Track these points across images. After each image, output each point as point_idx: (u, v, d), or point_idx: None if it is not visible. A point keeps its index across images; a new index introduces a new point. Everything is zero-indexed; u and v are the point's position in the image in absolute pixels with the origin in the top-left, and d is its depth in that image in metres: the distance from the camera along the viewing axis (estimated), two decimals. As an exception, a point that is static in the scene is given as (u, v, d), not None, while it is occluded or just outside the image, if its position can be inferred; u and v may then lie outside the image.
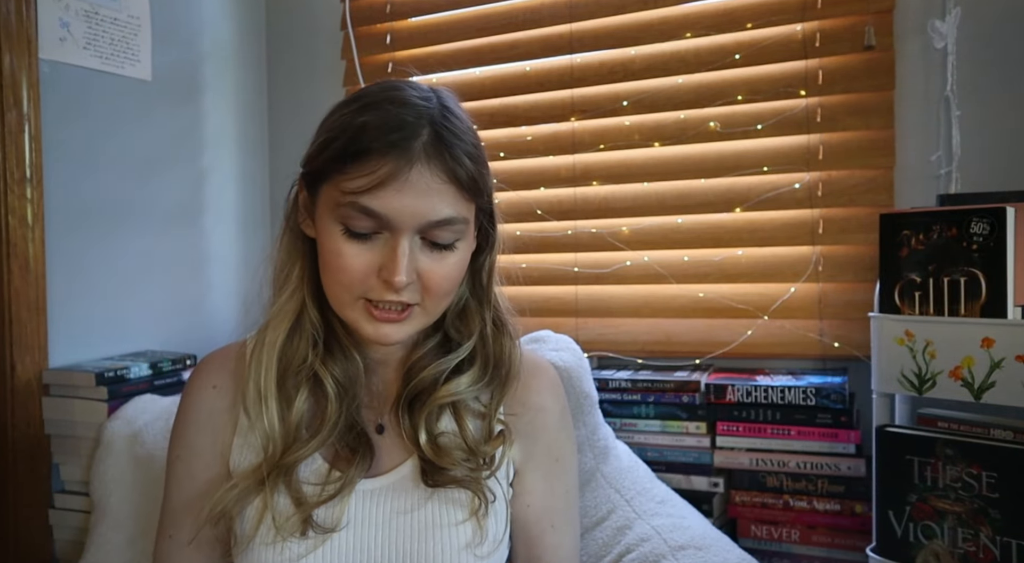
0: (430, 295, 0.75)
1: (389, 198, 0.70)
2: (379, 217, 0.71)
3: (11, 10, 1.31)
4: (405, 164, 0.70)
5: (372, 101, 0.74)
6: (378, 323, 0.74)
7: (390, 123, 0.72)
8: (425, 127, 0.72)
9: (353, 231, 0.72)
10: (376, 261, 0.72)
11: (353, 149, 0.71)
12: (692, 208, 1.54)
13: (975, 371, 1.06)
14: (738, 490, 1.37)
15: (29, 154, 1.34)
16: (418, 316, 0.76)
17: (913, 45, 1.37)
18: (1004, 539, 1.02)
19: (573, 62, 1.64)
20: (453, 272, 0.76)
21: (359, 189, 0.70)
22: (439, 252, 0.75)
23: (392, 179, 0.70)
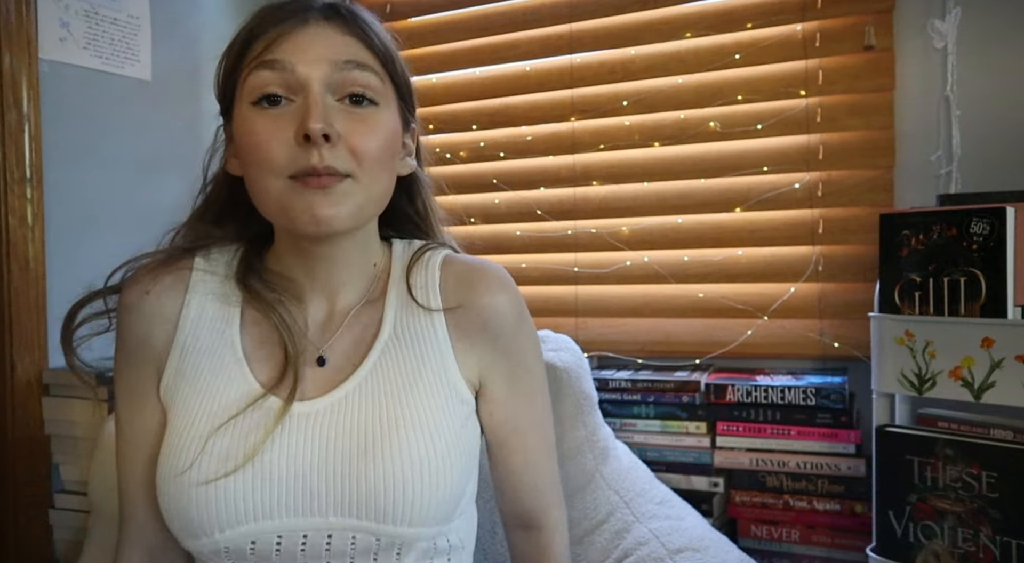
0: (360, 160, 0.70)
1: (287, 46, 0.69)
2: (281, 65, 0.69)
3: (11, 10, 1.31)
4: (300, 23, 0.70)
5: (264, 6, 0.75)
6: (308, 192, 0.68)
7: (283, 3, 0.73)
8: (320, 2, 0.73)
9: (262, 101, 0.70)
10: (291, 127, 0.68)
11: (249, 30, 0.72)
12: (692, 208, 1.54)
13: (975, 371, 1.06)
14: (738, 490, 1.37)
15: (29, 154, 1.34)
16: (351, 190, 0.70)
17: (913, 45, 1.37)
18: (1004, 539, 1.02)
19: (573, 62, 1.64)
20: (379, 136, 0.71)
21: (260, 51, 0.70)
22: (358, 113, 0.71)
23: (288, 33, 0.70)
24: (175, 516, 0.71)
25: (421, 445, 0.72)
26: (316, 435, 0.72)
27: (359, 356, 0.77)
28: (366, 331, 0.78)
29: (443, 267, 0.81)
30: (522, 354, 0.82)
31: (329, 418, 0.73)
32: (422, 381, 0.76)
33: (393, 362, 0.76)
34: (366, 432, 0.72)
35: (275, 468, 0.70)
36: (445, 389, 0.76)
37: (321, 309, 0.80)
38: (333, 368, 0.77)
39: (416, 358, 0.77)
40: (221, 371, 0.75)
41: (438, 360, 0.77)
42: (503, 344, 0.80)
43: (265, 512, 0.70)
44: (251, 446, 0.70)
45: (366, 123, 0.71)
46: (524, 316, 0.83)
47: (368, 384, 0.75)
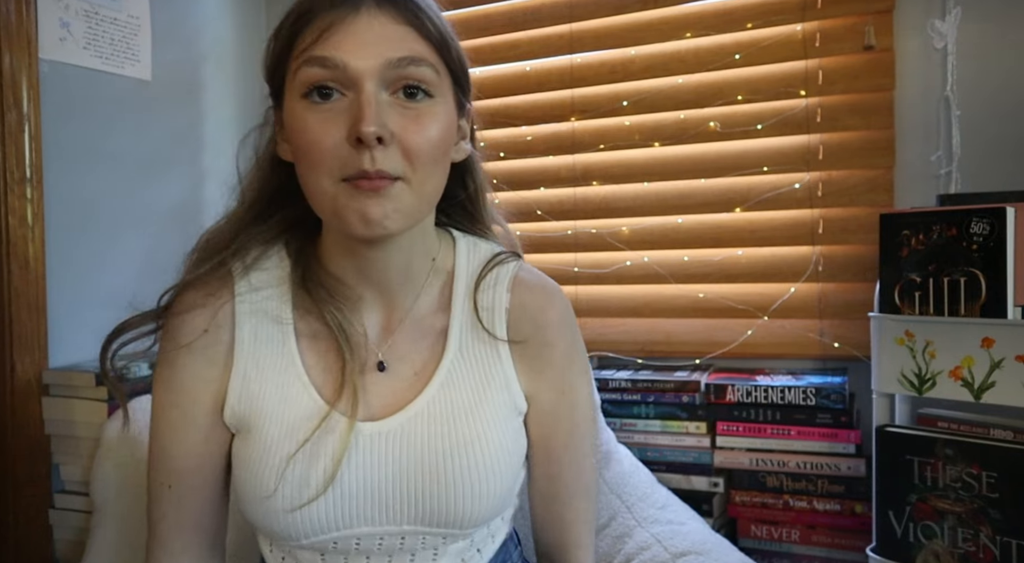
0: (412, 160, 0.67)
1: (338, 41, 0.66)
2: (332, 63, 0.66)
3: (11, 10, 1.31)
4: (351, 10, 0.67)
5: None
6: (361, 196, 0.66)
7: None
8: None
9: (313, 99, 0.67)
10: (344, 126, 0.66)
11: (299, 14, 0.69)
12: (692, 208, 1.54)
13: (975, 371, 1.06)
14: (738, 490, 1.37)
15: (29, 154, 1.34)
16: (403, 192, 0.67)
17: (913, 45, 1.37)
18: (1004, 539, 1.02)
19: (573, 62, 1.64)
20: (433, 134, 0.69)
21: (309, 43, 0.67)
22: (412, 108, 0.68)
23: (339, 23, 0.67)
24: (261, 527, 0.75)
25: (489, 461, 0.74)
26: (388, 455, 0.74)
27: (425, 370, 0.77)
28: (430, 342, 0.79)
29: (512, 290, 0.81)
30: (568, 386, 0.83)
31: (399, 438, 0.74)
32: (487, 400, 0.77)
33: (459, 380, 0.77)
34: (436, 452, 0.74)
35: (352, 487, 0.73)
36: (507, 403, 0.79)
37: (378, 311, 0.79)
38: (398, 379, 0.77)
39: (481, 377, 0.78)
40: (287, 390, 0.75)
41: (502, 379, 0.79)
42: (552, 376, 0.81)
43: (344, 524, 0.73)
44: (328, 471, 0.72)
45: (420, 120, 0.68)
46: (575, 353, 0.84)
47: (436, 404, 0.76)
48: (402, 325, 0.79)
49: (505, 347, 0.79)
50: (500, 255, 0.83)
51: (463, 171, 0.83)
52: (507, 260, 0.83)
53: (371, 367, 0.77)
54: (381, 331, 0.79)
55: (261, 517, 0.73)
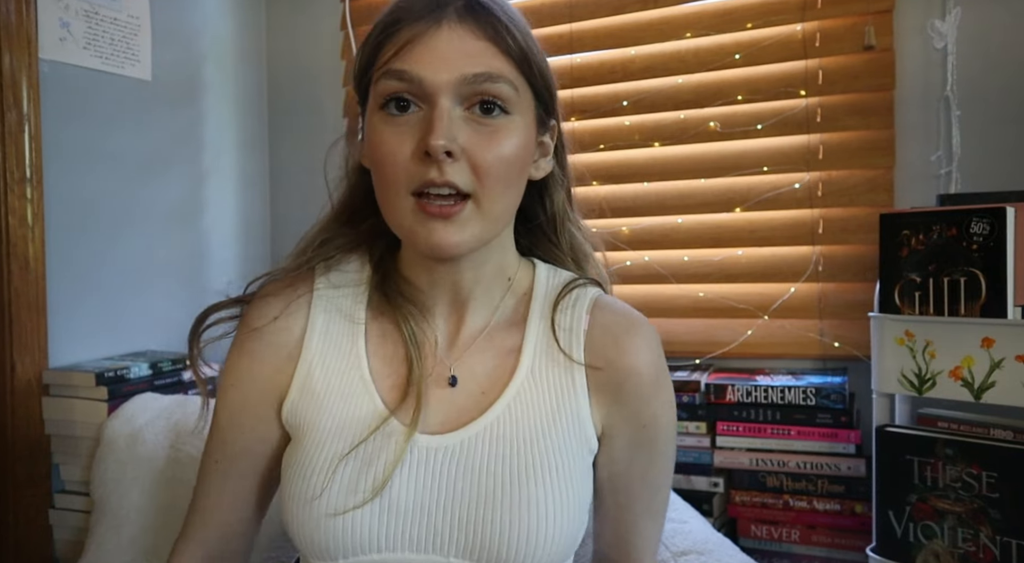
0: (481, 178, 0.67)
1: (417, 55, 0.66)
2: (409, 77, 0.66)
3: (11, 10, 1.31)
4: (433, 24, 0.67)
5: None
6: (430, 221, 0.66)
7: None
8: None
9: (390, 111, 0.68)
10: (416, 138, 0.66)
11: (385, 25, 0.69)
12: (692, 208, 1.54)
13: (975, 371, 1.06)
14: (738, 490, 1.37)
15: (29, 154, 1.34)
16: (472, 216, 0.67)
17: (913, 45, 1.37)
18: (1004, 539, 1.02)
19: (573, 62, 1.64)
20: (506, 151, 0.68)
21: (390, 56, 0.67)
22: (486, 125, 0.68)
23: (420, 37, 0.67)
24: (302, 538, 0.71)
25: (550, 496, 0.69)
26: (444, 473, 0.70)
27: (493, 389, 0.74)
28: (502, 359, 0.76)
29: (592, 312, 0.77)
30: (651, 418, 0.77)
31: (458, 457, 0.71)
32: (556, 429, 0.73)
33: (528, 404, 0.73)
34: (495, 477, 0.70)
35: (401, 501, 0.69)
36: (578, 437, 0.74)
37: (449, 322, 0.77)
38: (464, 394, 0.74)
39: (552, 403, 0.74)
40: (349, 391, 0.74)
41: (574, 410, 0.74)
42: (633, 407, 0.76)
43: (388, 545, 0.69)
44: (378, 479, 0.70)
45: (493, 138, 0.68)
46: (662, 381, 0.78)
47: (500, 425, 0.72)
48: (473, 340, 0.76)
49: (581, 375, 0.75)
50: (581, 279, 0.80)
51: (541, 190, 0.81)
52: (588, 285, 0.81)
53: (440, 379, 0.75)
54: (451, 344, 0.77)
55: (304, 523, 0.70)
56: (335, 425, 0.73)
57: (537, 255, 0.84)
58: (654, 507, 0.82)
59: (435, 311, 0.77)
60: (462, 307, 0.77)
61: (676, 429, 0.81)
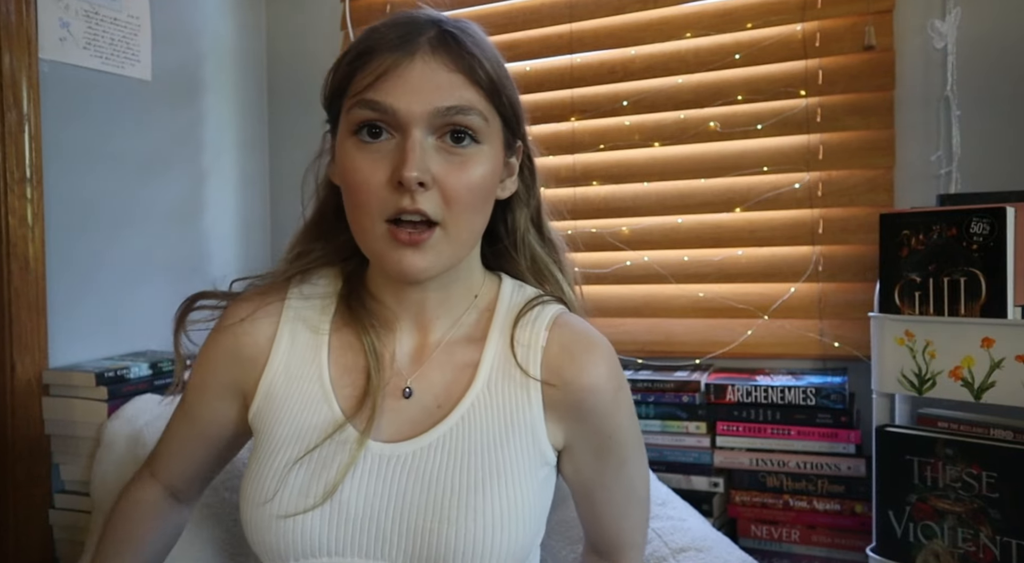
0: (451, 206, 0.69)
1: (391, 86, 0.69)
2: (383, 108, 0.69)
3: (11, 10, 1.31)
4: (407, 56, 0.69)
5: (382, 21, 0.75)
6: (401, 248, 0.69)
7: (396, 24, 0.72)
8: (433, 27, 0.71)
9: (363, 138, 0.70)
10: (389, 167, 0.69)
11: (359, 53, 0.72)
12: (692, 208, 1.54)
13: (975, 371, 1.06)
14: (738, 490, 1.37)
15: (29, 154, 1.34)
16: (440, 242, 0.70)
17: (913, 45, 1.37)
18: (1004, 539, 1.02)
19: (573, 62, 1.64)
20: (475, 180, 0.71)
21: (364, 86, 0.69)
22: (457, 154, 0.70)
23: (394, 68, 0.69)
24: (256, 539, 0.73)
25: (501, 508, 0.70)
26: (395, 481, 0.72)
27: (449, 401, 0.76)
28: (459, 373, 0.77)
29: (551, 328, 0.78)
30: (615, 429, 0.79)
31: (410, 465, 0.72)
32: (509, 443, 0.74)
33: (482, 416, 0.75)
34: (446, 487, 0.71)
35: (351, 507, 0.71)
36: (531, 450, 0.75)
37: (411, 339, 0.79)
38: (419, 406, 0.76)
39: (507, 417, 0.75)
40: (308, 398, 0.77)
41: (528, 425, 0.75)
42: (595, 422, 0.77)
43: (338, 549, 0.71)
44: (329, 483, 0.71)
45: (464, 167, 0.71)
46: (621, 394, 0.79)
47: (454, 437, 0.74)
48: (434, 354, 0.78)
49: (537, 391, 0.76)
50: (544, 297, 0.82)
51: (504, 208, 0.83)
52: (550, 302, 0.82)
53: (396, 391, 0.77)
54: (412, 358, 0.79)
55: (257, 525, 0.72)
56: (293, 431, 0.75)
57: (503, 268, 0.86)
58: (635, 497, 0.84)
59: (399, 326, 0.79)
60: (426, 324, 0.79)
61: (640, 430, 0.84)
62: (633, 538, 0.86)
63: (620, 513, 0.84)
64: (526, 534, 0.72)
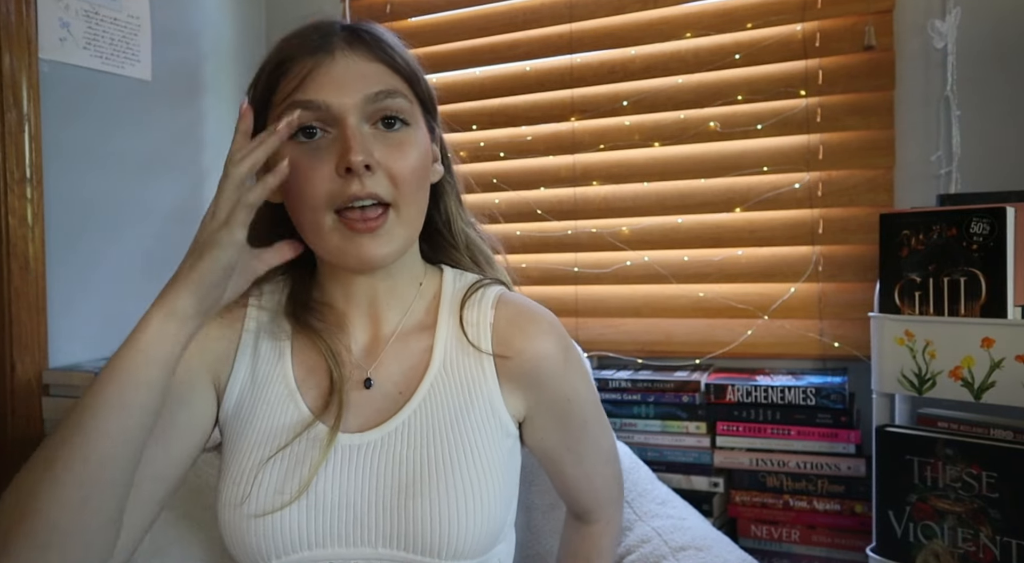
0: (399, 186, 0.73)
1: (319, 85, 0.71)
2: (315, 105, 0.71)
3: (11, 10, 1.31)
4: (327, 54, 0.72)
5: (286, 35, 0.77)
6: (357, 236, 0.71)
7: (304, 31, 0.75)
8: (342, 28, 0.76)
9: (299, 139, 0.72)
10: (331, 160, 0.71)
11: (277, 62, 0.74)
12: (692, 208, 1.54)
13: (975, 371, 1.06)
14: (738, 490, 1.37)
15: (29, 154, 1.34)
16: (395, 225, 0.73)
17: (913, 45, 1.37)
18: (1004, 539, 1.02)
19: (573, 62, 1.64)
20: (414, 159, 0.74)
21: (291, 89, 0.72)
22: (392, 137, 0.74)
23: (317, 67, 0.72)
24: (234, 542, 0.74)
25: (470, 481, 0.74)
26: (367, 468, 0.74)
27: (409, 387, 0.79)
28: (415, 359, 0.81)
29: (496, 307, 0.82)
30: (572, 392, 0.84)
31: (379, 451, 0.75)
32: (470, 416, 0.77)
33: (442, 396, 0.78)
34: (416, 466, 0.74)
35: (327, 499, 0.73)
36: (492, 422, 0.78)
37: (365, 332, 0.82)
38: (381, 395, 0.79)
39: (465, 393, 0.79)
40: (275, 402, 0.79)
41: (486, 397, 0.79)
42: (551, 388, 0.82)
43: (317, 542, 0.73)
44: (303, 479, 0.74)
45: (401, 148, 0.74)
46: (571, 357, 0.84)
47: (418, 418, 0.77)
48: (388, 344, 0.81)
49: (491, 364, 0.80)
50: (485, 279, 0.86)
51: (433, 196, 0.86)
52: (492, 284, 0.86)
53: (358, 383, 0.79)
54: (367, 350, 0.82)
55: (235, 527, 0.73)
56: (263, 433, 0.77)
57: (441, 261, 0.89)
58: (602, 455, 0.89)
59: (350, 322, 0.82)
60: (377, 316, 0.82)
61: (597, 392, 0.89)
62: (609, 494, 0.91)
63: (591, 473, 0.88)
64: (497, 504, 0.75)
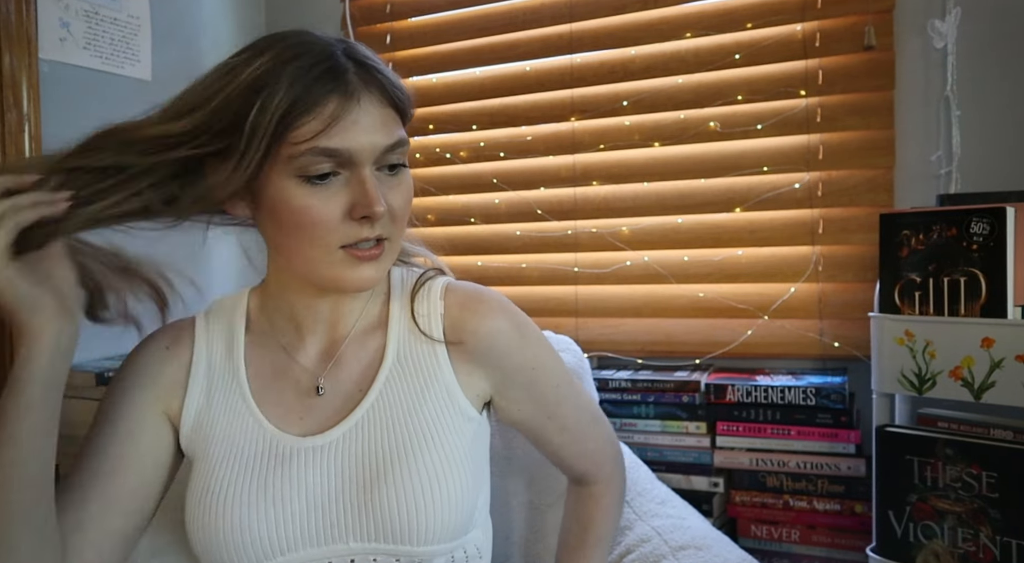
0: (396, 223, 0.76)
1: (345, 132, 0.71)
2: (340, 154, 0.71)
3: (11, 10, 1.31)
4: (351, 99, 0.72)
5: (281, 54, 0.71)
6: (360, 265, 0.74)
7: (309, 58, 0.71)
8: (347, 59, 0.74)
9: (312, 178, 0.71)
10: (344, 202, 0.72)
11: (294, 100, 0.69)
12: (692, 208, 1.54)
13: (975, 371, 1.06)
14: (738, 490, 1.37)
15: (29, 154, 1.34)
16: (388, 252, 0.77)
17: (913, 45, 1.37)
18: (1004, 539, 1.02)
19: (573, 62, 1.64)
20: (408, 195, 0.78)
21: (314, 133, 0.70)
22: (395, 177, 0.76)
23: (344, 114, 0.71)
24: (207, 556, 0.76)
25: (431, 466, 0.75)
26: (330, 466, 0.76)
27: (366, 382, 0.81)
28: (370, 357, 0.82)
29: (445, 296, 0.84)
30: (534, 360, 0.85)
31: (341, 448, 0.77)
32: (427, 404, 0.79)
33: (398, 387, 0.80)
34: (378, 458, 0.76)
35: (295, 504, 0.75)
36: (450, 409, 0.80)
37: (322, 339, 0.84)
38: (340, 395, 0.81)
39: (420, 382, 0.80)
40: (235, 418, 0.80)
41: (441, 383, 0.81)
42: (512, 362, 0.84)
43: (289, 546, 0.74)
44: (271, 490, 0.75)
45: (399, 189, 0.76)
46: (525, 329, 0.86)
47: (375, 411, 0.78)
48: (344, 348, 0.83)
49: (443, 352, 0.82)
50: (428, 272, 0.88)
51: None
52: (436, 276, 0.87)
53: (310, 390, 0.81)
54: (323, 355, 0.83)
55: (206, 543, 0.75)
56: (226, 448, 0.79)
57: None
58: (585, 415, 0.91)
59: (307, 328, 0.83)
60: (336, 320, 0.84)
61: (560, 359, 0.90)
62: (604, 453, 0.93)
63: (580, 436, 0.90)
64: (462, 489, 0.76)
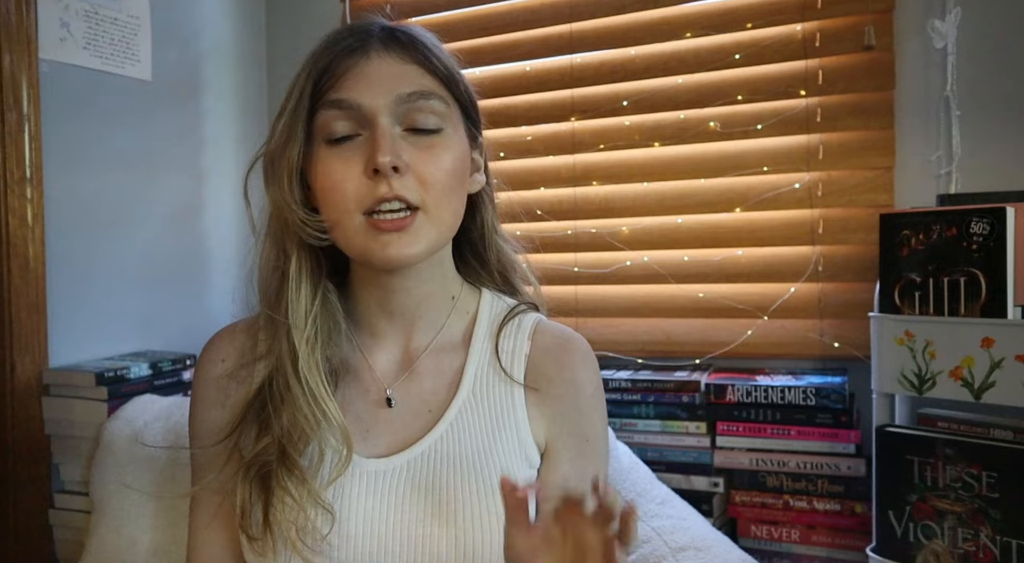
0: (428, 189, 0.71)
1: (352, 83, 0.71)
2: (347, 105, 0.70)
3: (11, 10, 1.31)
4: (362, 54, 0.72)
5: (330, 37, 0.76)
6: (382, 235, 0.70)
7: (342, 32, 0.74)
8: (381, 28, 0.74)
9: (332, 139, 0.71)
10: (362, 160, 0.70)
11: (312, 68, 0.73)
12: (692, 208, 1.54)
13: (975, 371, 1.06)
14: (738, 490, 1.37)
15: (29, 154, 1.34)
16: (423, 225, 0.71)
17: (913, 45, 1.37)
18: (1004, 539, 1.02)
19: (573, 62, 1.63)
20: (446, 163, 0.73)
21: (325, 89, 0.71)
22: (425, 140, 0.72)
23: (352, 67, 0.71)
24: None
25: (495, 511, 0.72)
26: (392, 493, 0.73)
27: (438, 406, 0.77)
28: (445, 379, 0.79)
29: (533, 337, 0.82)
30: (591, 430, 0.82)
31: (405, 477, 0.73)
32: (498, 446, 0.76)
33: (470, 421, 0.77)
34: (441, 494, 0.72)
35: (355, 529, 0.72)
36: (519, 455, 0.77)
37: (397, 346, 0.80)
38: (409, 415, 0.77)
39: (494, 422, 0.77)
40: None
41: (513, 427, 0.78)
42: (576, 421, 0.80)
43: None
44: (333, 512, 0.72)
45: (433, 151, 0.72)
46: (599, 395, 0.84)
47: (444, 443, 0.75)
48: (419, 361, 0.79)
49: (520, 393, 0.79)
50: (522, 306, 0.85)
51: (471, 207, 0.83)
52: (529, 311, 0.84)
53: (380, 402, 0.78)
54: (398, 366, 0.80)
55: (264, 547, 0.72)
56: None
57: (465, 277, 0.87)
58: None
59: (381, 336, 0.80)
60: (409, 328, 0.80)
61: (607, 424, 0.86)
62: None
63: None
64: None
